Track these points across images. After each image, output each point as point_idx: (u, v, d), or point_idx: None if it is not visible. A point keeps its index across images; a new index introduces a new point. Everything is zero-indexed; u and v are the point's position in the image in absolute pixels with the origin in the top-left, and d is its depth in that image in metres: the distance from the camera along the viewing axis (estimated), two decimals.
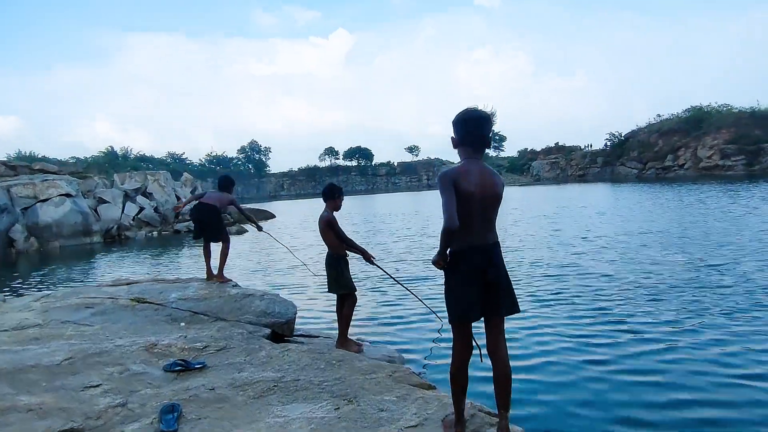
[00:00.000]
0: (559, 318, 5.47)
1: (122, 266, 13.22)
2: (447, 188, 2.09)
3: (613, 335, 4.81)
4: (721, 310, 5.36)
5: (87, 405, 2.62)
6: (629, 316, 5.35)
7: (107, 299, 4.64)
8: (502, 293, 2.17)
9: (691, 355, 4.19)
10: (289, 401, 2.77)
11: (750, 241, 9.28)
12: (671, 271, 7.30)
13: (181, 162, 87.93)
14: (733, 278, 6.62)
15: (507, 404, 2.19)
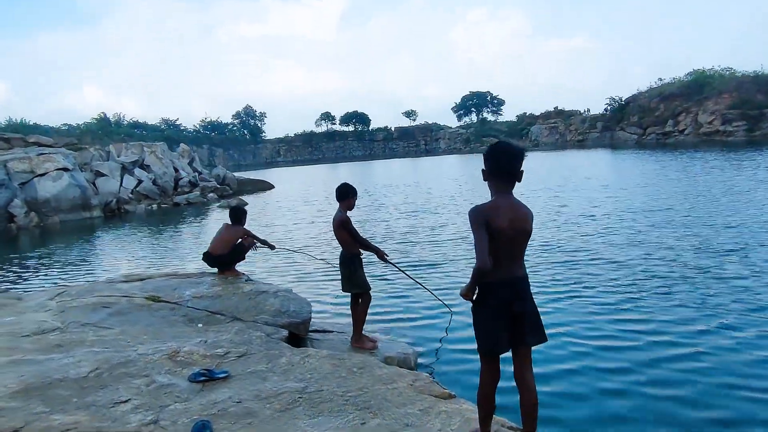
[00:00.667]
0: (573, 315, 5.36)
1: (126, 244, 13.26)
2: (479, 227, 2.11)
3: (630, 337, 4.66)
4: (741, 306, 5.18)
5: (120, 424, 2.69)
6: (645, 313, 5.23)
7: (122, 298, 4.68)
8: (529, 325, 2.22)
9: (714, 363, 4.03)
10: (314, 414, 2.84)
11: (762, 222, 9.17)
12: (684, 258, 7.18)
13: (175, 128, 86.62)
14: (750, 268, 6.48)
15: (534, 427, 2.27)
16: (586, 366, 4.17)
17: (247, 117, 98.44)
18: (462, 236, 10.16)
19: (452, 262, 8.26)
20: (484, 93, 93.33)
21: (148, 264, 10.13)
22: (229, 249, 5.64)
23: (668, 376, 3.90)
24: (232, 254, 5.68)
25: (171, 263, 10.03)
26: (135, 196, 22.29)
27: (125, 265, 10.12)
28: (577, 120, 64.73)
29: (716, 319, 4.91)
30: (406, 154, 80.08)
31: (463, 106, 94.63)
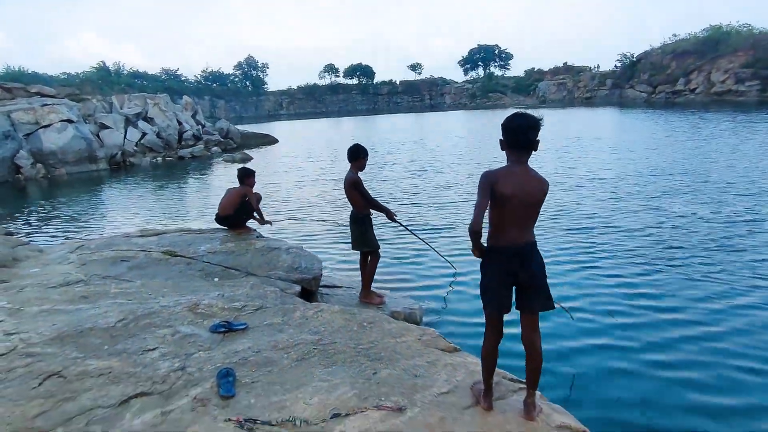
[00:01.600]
0: (583, 288, 5.25)
1: (134, 197, 13.42)
2: (482, 190, 2.25)
3: (641, 313, 4.58)
4: (761, 282, 5.08)
5: (150, 369, 2.91)
6: (658, 287, 5.14)
7: (140, 252, 4.87)
8: (534, 292, 2.36)
9: (738, 345, 3.94)
10: (329, 364, 3.06)
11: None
12: (701, 228, 7.09)
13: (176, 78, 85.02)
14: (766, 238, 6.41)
15: (536, 384, 2.47)
16: (596, 345, 4.11)
17: (249, 68, 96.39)
18: (468, 196, 10.27)
19: (458, 222, 8.41)
20: (491, 46, 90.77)
21: (158, 218, 10.33)
22: (233, 209, 5.72)
23: (681, 357, 3.83)
24: (238, 213, 5.75)
25: (181, 218, 10.24)
26: (140, 149, 22.27)
27: (136, 219, 10.32)
28: (587, 76, 63.28)
29: (733, 296, 4.82)
30: (411, 109, 78.80)
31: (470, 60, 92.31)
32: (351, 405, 2.61)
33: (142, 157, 21.90)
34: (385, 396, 2.71)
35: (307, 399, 2.66)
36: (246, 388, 2.80)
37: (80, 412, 2.46)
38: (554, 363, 3.78)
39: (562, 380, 3.63)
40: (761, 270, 5.40)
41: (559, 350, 4.02)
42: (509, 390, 2.79)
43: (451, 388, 2.78)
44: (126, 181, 17.03)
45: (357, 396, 2.70)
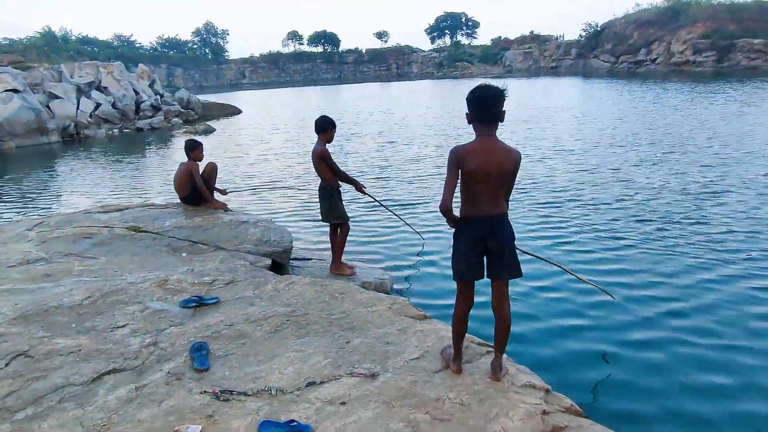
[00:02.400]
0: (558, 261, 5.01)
1: (91, 172, 12.88)
2: (451, 168, 2.32)
3: (615, 286, 4.53)
4: (728, 255, 5.15)
5: (121, 346, 2.90)
6: (632, 260, 5.16)
7: (103, 228, 4.73)
8: (504, 260, 2.44)
9: (707, 321, 3.97)
10: (302, 335, 3.12)
11: (739, 159, 9.40)
12: (670, 199, 7.17)
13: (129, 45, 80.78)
14: (735, 210, 6.55)
15: (503, 348, 2.60)
16: (565, 313, 4.20)
17: (207, 34, 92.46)
18: (437, 169, 10.36)
19: (426, 193, 8.50)
20: (458, 14, 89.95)
21: (118, 194, 9.99)
22: (189, 188, 5.39)
23: (651, 337, 3.81)
24: (194, 191, 5.40)
25: (141, 193, 9.92)
26: (94, 120, 21.25)
27: (95, 195, 9.95)
28: (552, 46, 63.75)
29: (702, 270, 4.85)
30: (377, 78, 77.70)
31: (436, 28, 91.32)
32: (325, 373, 2.68)
33: (97, 128, 20.92)
34: (358, 363, 2.79)
35: (282, 369, 2.71)
36: (220, 360, 2.83)
37: (52, 391, 2.44)
38: (524, 328, 3.95)
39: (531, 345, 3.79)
40: (728, 242, 5.51)
41: (530, 317, 4.18)
42: (477, 353, 2.92)
43: (422, 353, 2.89)
44: (81, 154, 16.29)
45: (331, 364, 2.77)
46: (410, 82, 58.73)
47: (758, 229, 5.86)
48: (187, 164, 5.34)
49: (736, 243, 5.50)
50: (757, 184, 7.71)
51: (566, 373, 3.46)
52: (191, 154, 5.35)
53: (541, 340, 3.86)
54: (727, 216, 6.39)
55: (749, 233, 5.77)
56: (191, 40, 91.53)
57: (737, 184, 7.78)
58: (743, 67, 38.38)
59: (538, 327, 4.04)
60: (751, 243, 5.49)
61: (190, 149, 5.35)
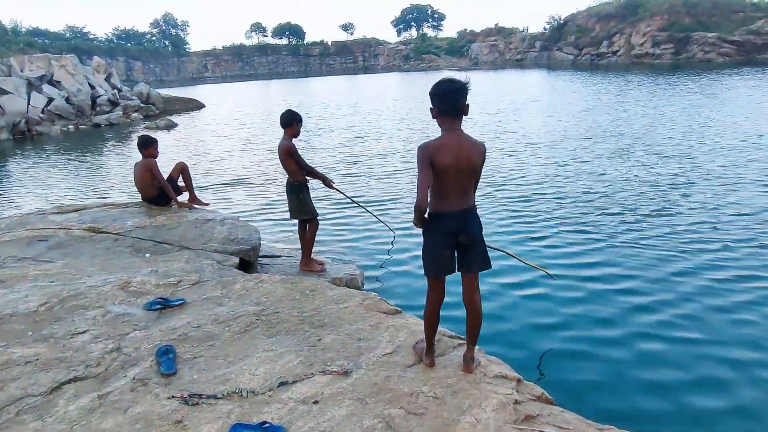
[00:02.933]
0: (527, 257, 5.03)
1: (45, 171, 12.31)
2: (423, 166, 2.27)
3: (584, 278, 4.70)
4: (694, 247, 5.22)
5: (82, 353, 2.78)
6: (600, 253, 5.23)
7: (59, 230, 4.53)
8: (475, 253, 2.46)
9: (670, 316, 4.03)
10: (273, 334, 3.07)
11: (703, 153, 9.55)
12: (636, 192, 7.28)
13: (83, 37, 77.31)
14: (700, 202, 6.67)
15: (475, 340, 2.62)
16: (535, 305, 4.27)
17: (167, 26, 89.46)
18: (406, 163, 10.36)
19: (395, 187, 8.50)
20: (424, 6, 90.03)
21: (74, 194, 9.57)
22: (156, 190, 5.22)
23: (618, 331, 3.88)
24: (161, 192, 5.24)
25: (100, 193, 9.54)
26: (47, 116, 20.30)
27: (49, 196, 9.51)
28: (517, 38, 64.64)
29: (669, 262, 4.93)
30: (344, 71, 77.07)
31: (403, 20, 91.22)
32: (297, 372, 2.65)
33: (50, 125, 20.00)
34: (331, 361, 2.77)
35: (253, 370, 2.66)
36: (188, 364, 2.75)
37: (9, 403, 2.32)
38: (496, 320, 4.00)
39: (502, 336, 3.85)
40: (694, 234, 5.63)
41: (502, 308, 4.23)
42: (449, 346, 2.94)
43: (395, 348, 2.89)
44: (33, 152, 15.53)
45: (303, 363, 2.74)
46: (377, 75, 58.56)
47: (723, 220, 6.00)
48: (145, 162, 5.11)
49: (700, 234, 5.61)
50: (718, 176, 7.97)
51: (536, 362, 3.53)
52: (146, 152, 5.14)
53: (512, 331, 3.92)
54: (691, 208, 6.51)
55: (713, 224, 5.90)
56: (149, 32, 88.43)
57: (700, 176, 8.01)
58: (699, 60, 39.97)
59: (508, 318, 4.11)
60: (714, 234, 5.64)
61: (145, 146, 5.14)
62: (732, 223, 5.91)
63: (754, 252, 5.07)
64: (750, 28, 41.49)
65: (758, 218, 5.97)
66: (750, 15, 43.64)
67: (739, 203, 6.58)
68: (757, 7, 45.31)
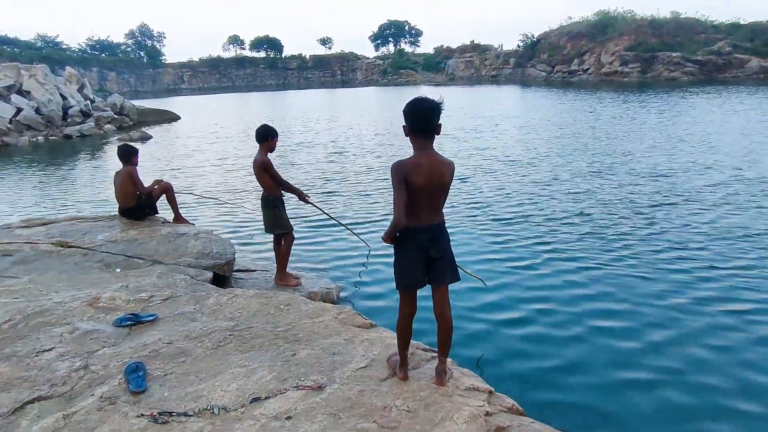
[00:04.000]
0: (503, 276, 5.20)
1: (11, 183, 11.94)
2: (399, 185, 2.31)
3: (557, 298, 4.67)
4: (675, 268, 5.21)
5: (47, 371, 2.70)
6: (576, 274, 5.19)
7: (25, 244, 4.40)
8: (445, 266, 2.52)
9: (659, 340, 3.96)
10: (246, 349, 3.04)
11: (682, 170, 9.69)
12: (613, 211, 7.28)
13: (55, 47, 75.65)
14: (678, 221, 6.68)
15: (447, 352, 2.66)
16: (506, 319, 4.30)
17: (143, 37, 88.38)
18: (380, 177, 10.42)
19: (370, 202, 8.54)
20: (401, 22, 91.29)
21: (43, 208, 9.30)
22: (134, 200, 5.17)
23: (586, 334, 4.00)
24: (140, 203, 5.21)
25: (70, 206, 9.29)
26: (15, 127, 19.74)
27: (16, 209, 9.22)
28: (492, 55, 66.04)
29: (643, 284, 4.92)
30: (322, 84, 77.27)
31: (380, 36, 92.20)
32: (270, 388, 2.63)
33: (18, 136, 19.44)
34: (305, 376, 2.76)
35: (225, 386, 2.63)
36: (158, 381, 2.70)
37: None
38: (466, 332, 4.05)
39: (473, 348, 3.89)
40: (672, 253, 5.64)
41: (471, 321, 4.29)
42: (423, 359, 2.96)
43: (369, 362, 2.90)
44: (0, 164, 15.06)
45: (276, 378, 2.72)
46: (355, 89, 58.86)
47: (710, 238, 6.03)
48: (126, 170, 5.07)
49: (677, 253, 5.62)
50: (698, 194, 7.98)
51: (507, 373, 3.58)
52: (127, 161, 5.12)
53: (483, 343, 3.97)
54: (667, 227, 6.49)
55: (697, 243, 5.89)
56: (125, 43, 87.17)
57: (678, 194, 8.05)
58: (664, 78, 41.53)
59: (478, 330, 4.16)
60: (695, 252, 5.64)
61: (126, 156, 5.10)
62: (714, 242, 5.93)
63: (736, 272, 5.12)
64: (711, 48, 43.42)
65: (737, 236, 6.11)
66: (711, 36, 45.71)
67: (717, 222, 6.65)
68: (717, 29, 47.47)
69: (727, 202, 7.61)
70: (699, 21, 48.76)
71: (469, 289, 4.77)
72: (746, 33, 45.07)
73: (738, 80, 37.66)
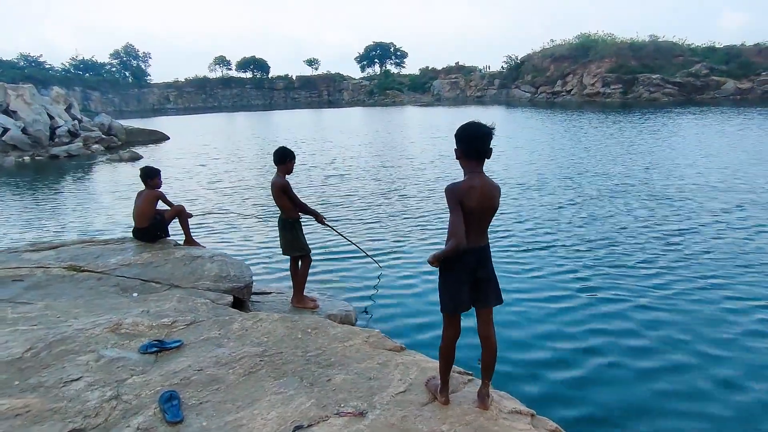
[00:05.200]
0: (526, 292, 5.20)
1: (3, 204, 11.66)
2: (456, 208, 2.33)
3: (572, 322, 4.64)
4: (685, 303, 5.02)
5: (78, 402, 2.60)
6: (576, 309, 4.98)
7: (36, 269, 4.28)
8: (490, 288, 2.52)
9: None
10: (279, 375, 2.97)
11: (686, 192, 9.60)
12: (607, 235, 7.20)
13: (38, 66, 74.94)
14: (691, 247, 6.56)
15: (491, 375, 2.64)
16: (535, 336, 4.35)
17: (128, 57, 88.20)
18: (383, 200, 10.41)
19: (377, 223, 8.51)
20: (387, 44, 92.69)
21: (30, 229, 9.07)
22: (149, 221, 5.17)
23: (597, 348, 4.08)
24: (155, 226, 5.21)
25: (63, 230, 9.07)
26: (0, 147, 19.38)
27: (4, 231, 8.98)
28: (477, 76, 67.29)
29: (636, 311, 4.85)
30: (309, 105, 77.60)
31: (366, 57, 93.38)
32: (311, 415, 2.57)
33: (4, 156, 19.08)
34: (344, 402, 2.71)
35: (265, 414, 2.57)
36: (194, 410, 2.62)
37: None
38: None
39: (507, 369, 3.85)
40: (663, 278, 5.62)
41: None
42: (461, 382, 2.93)
43: (407, 386, 2.86)
44: None
45: (315, 405, 2.66)
46: (342, 110, 59.20)
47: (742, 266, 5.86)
48: (153, 192, 5.11)
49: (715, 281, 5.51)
50: (720, 217, 7.86)
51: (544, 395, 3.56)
52: (151, 182, 5.18)
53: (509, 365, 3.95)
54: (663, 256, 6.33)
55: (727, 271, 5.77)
56: (109, 63, 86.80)
57: (701, 218, 7.88)
58: (645, 99, 42.74)
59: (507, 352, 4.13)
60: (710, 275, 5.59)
61: (149, 177, 5.15)
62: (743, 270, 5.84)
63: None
64: (689, 70, 44.91)
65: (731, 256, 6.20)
66: (689, 59, 47.34)
67: (724, 248, 6.57)
68: (694, 52, 49.22)
69: (747, 226, 7.37)
70: (676, 44, 50.55)
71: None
72: (722, 56, 46.83)
73: (716, 101, 38.91)
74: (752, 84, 42.38)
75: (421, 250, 6.65)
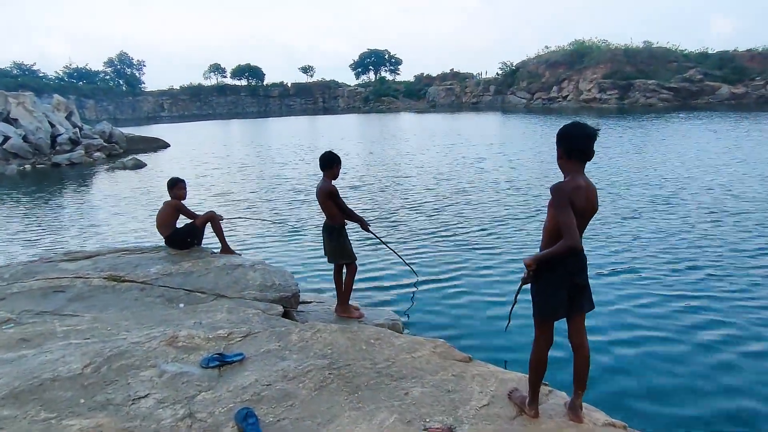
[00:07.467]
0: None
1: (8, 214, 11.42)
2: (566, 206, 2.21)
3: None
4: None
5: (152, 421, 2.46)
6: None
7: (76, 279, 4.13)
8: (585, 294, 2.42)
9: None
10: (353, 389, 2.85)
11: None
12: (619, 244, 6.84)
13: (31, 74, 74.49)
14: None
15: (584, 386, 2.52)
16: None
17: (122, 65, 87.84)
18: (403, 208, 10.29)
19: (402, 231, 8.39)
20: (382, 51, 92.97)
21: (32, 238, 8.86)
22: (170, 229, 5.13)
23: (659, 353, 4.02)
24: (176, 234, 5.13)
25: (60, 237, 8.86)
26: (2, 155, 19.11)
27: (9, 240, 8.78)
28: (472, 83, 67.55)
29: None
30: (304, 112, 77.48)
31: (361, 64, 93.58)
32: (399, 431, 2.45)
33: (5, 164, 18.80)
34: (428, 416, 2.59)
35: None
36: (273, 428, 2.50)
37: None
38: None
39: None
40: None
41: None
42: (542, 393, 2.81)
43: (490, 399, 2.74)
44: None
45: (400, 421, 2.54)
46: (338, 116, 59.12)
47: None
48: (173, 202, 5.05)
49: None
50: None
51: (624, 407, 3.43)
52: (171, 192, 5.07)
53: None
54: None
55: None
56: (103, 71, 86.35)
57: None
58: (641, 104, 43.06)
59: None
60: None
61: (171, 187, 5.02)
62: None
63: None
64: (684, 76, 45.35)
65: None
66: (683, 65, 47.82)
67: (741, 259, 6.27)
68: (687, 57, 49.74)
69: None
70: (670, 50, 51.08)
71: None
72: (715, 61, 47.34)
73: (711, 106, 39.23)
74: (747, 89, 42.87)
75: (457, 260, 6.45)
